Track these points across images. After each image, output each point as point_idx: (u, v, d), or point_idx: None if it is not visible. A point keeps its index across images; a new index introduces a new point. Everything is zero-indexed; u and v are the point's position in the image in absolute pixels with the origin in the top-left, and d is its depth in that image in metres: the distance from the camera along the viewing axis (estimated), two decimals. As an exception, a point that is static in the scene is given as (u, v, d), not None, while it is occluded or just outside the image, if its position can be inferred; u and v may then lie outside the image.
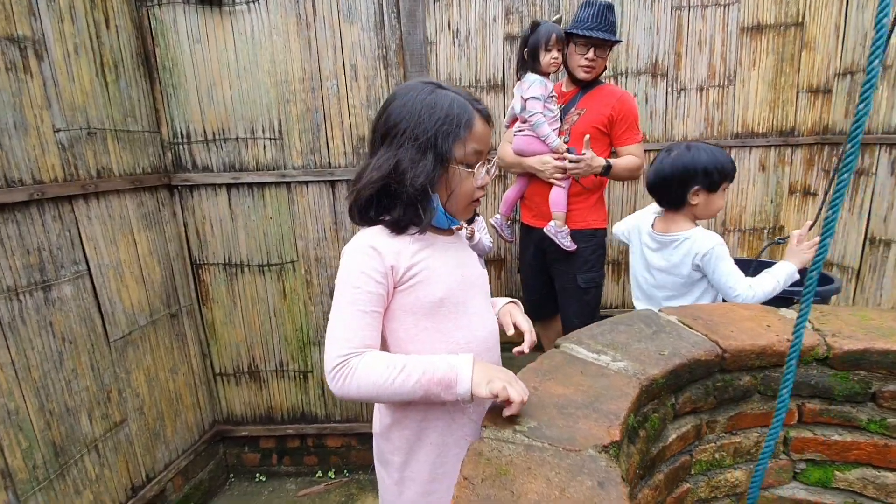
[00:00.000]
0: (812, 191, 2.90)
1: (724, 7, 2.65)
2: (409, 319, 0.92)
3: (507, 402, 0.78)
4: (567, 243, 2.00)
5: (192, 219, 1.93)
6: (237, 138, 1.86)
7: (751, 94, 2.76)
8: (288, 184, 1.90)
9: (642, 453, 0.92)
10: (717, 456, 1.11)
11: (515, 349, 1.04)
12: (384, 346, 0.97)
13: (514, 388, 0.78)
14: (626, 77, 2.75)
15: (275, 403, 2.12)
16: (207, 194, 1.90)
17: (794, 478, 1.17)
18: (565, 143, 1.97)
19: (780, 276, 1.52)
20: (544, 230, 2.00)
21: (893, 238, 2.42)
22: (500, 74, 2.82)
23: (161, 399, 1.79)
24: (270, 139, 1.85)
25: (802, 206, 2.94)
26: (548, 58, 1.97)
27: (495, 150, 2.32)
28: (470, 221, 1.12)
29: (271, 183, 1.90)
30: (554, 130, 1.96)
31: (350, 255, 0.88)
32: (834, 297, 2.40)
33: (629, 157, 2.01)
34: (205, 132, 1.85)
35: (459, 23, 2.76)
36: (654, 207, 1.70)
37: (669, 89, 2.77)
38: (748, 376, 1.08)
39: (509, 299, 1.13)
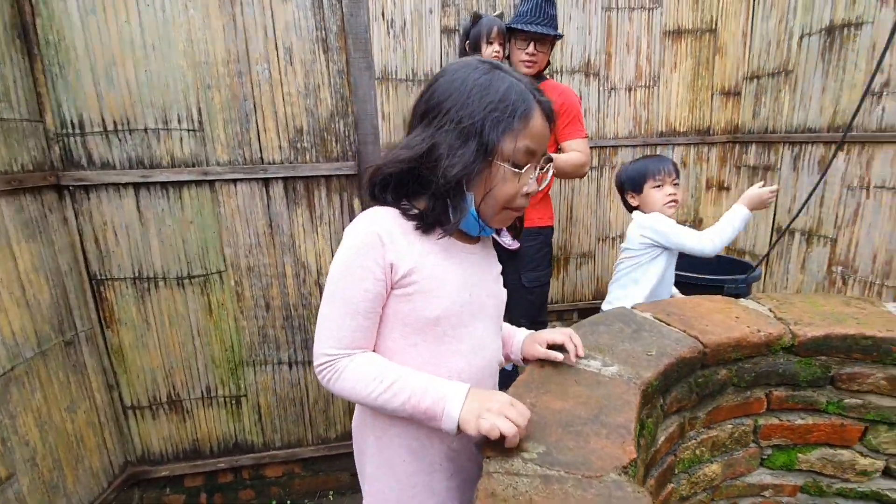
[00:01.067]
0: (725, 185, 3.14)
1: (649, 11, 2.77)
2: (399, 331, 0.79)
3: (502, 438, 0.69)
4: (508, 241, 1.96)
5: (90, 226, 1.61)
6: (146, 129, 1.58)
7: (673, 95, 2.93)
8: (211, 182, 1.65)
9: (644, 463, 0.87)
10: (697, 452, 1.11)
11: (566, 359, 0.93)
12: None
13: (505, 422, 0.68)
14: (561, 75, 2.78)
15: (202, 435, 1.85)
16: (109, 196, 1.60)
17: (761, 464, 1.20)
18: None
19: (735, 221, 1.65)
20: None
21: (796, 227, 2.67)
22: (438, 67, 2.72)
23: (58, 444, 1.47)
24: (188, 130, 1.59)
25: (717, 200, 3.18)
26: (489, 51, 1.92)
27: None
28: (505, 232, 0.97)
29: (191, 182, 1.64)
30: None
31: (352, 240, 0.75)
32: (754, 284, 2.60)
33: (573, 153, 2.00)
34: (103, 121, 1.54)
35: (394, 13, 2.62)
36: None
37: (601, 88, 2.85)
38: (725, 370, 1.08)
39: (525, 332, 1.01)
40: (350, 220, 1.82)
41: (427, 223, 0.76)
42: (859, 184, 2.31)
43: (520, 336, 1.00)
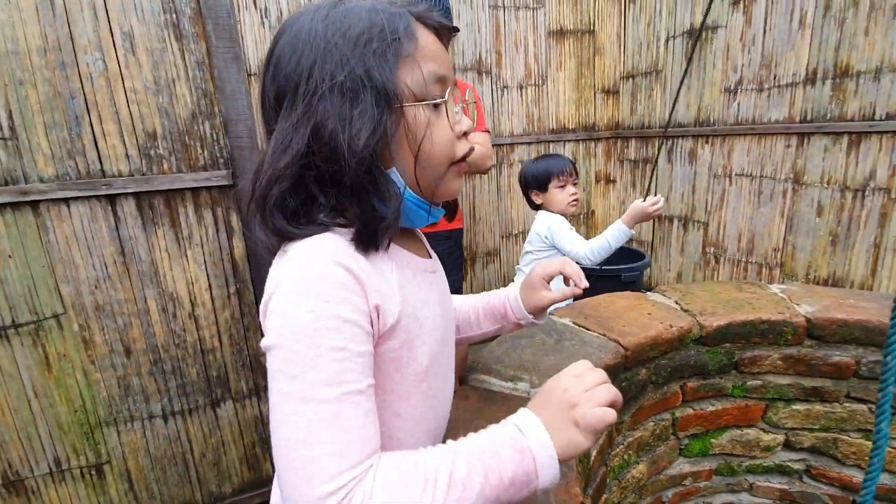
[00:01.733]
0: (612, 178, 3.34)
1: (533, 10, 2.82)
2: (379, 403, 0.52)
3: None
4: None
5: None
6: (-75, 138, 1.18)
7: (560, 93, 3.02)
8: (34, 204, 1.29)
9: (583, 489, 0.79)
10: (625, 457, 1.07)
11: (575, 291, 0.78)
12: None
13: (609, 392, 0.51)
14: (454, 72, 2.72)
15: (51, 520, 1.47)
16: None
17: (680, 454, 1.21)
18: None
19: (612, 238, 1.75)
20: None
21: (674, 214, 2.91)
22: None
23: None
24: (-7, 138, 1.22)
25: (606, 192, 3.37)
26: None
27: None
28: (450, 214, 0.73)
29: (4, 204, 1.27)
30: None
31: (306, 290, 0.46)
32: (646, 270, 2.78)
33: (475, 146, 1.94)
34: None
35: (268, 2, 2.35)
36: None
37: (494, 86, 2.85)
38: (644, 369, 1.06)
39: (512, 289, 0.84)
40: (228, 238, 1.57)
41: (368, 234, 0.52)
42: (723, 172, 2.56)
43: (511, 294, 0.82)
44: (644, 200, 1.78)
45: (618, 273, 2.33)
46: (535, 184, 1.84)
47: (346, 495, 0.42)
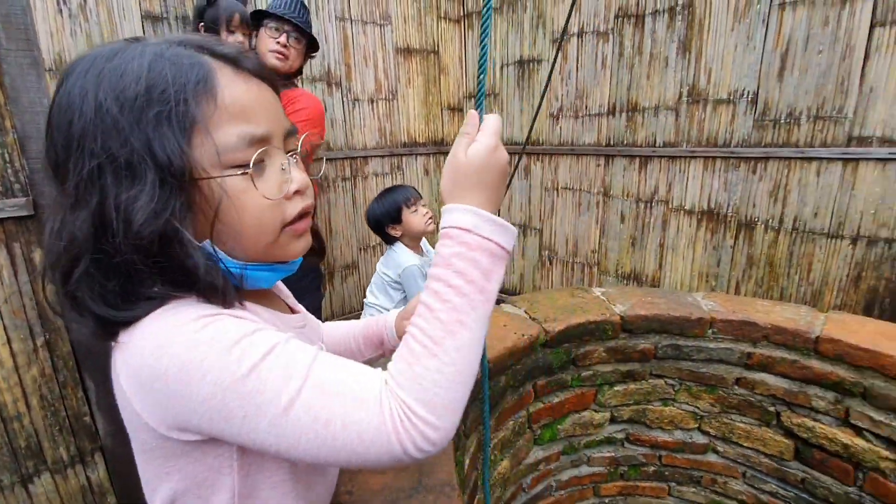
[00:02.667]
0: (460, 189, 3.59)
1: (381, 26, 2.88)
2: (271, 472, 0.52)
3: None
4: None
5: None
6: None
7: (410, 108, 3.14)
8: None
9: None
10: (492, 457, 1.19)
11: None
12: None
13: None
14: (303, 83, 2.63)
15: None
16: None
17: (535, 444, 1.38)
18: None
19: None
20: None
21: (515, 222, 3.25)
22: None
23: None
24: None
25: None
26: (231, 39, 1.63)
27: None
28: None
29: None
30: None
31: (197, 346, 0.43)
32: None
33: None
34: None
35: (66, -15, 1.97)
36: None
37: (344, 99, 2.83)
38: (504, 376, 1.19)
39: (394, 315, 0.82)
40: (30, 280, 1.28)
41: (210, 300, 0.47)
42: (552, 186, 2.95)
43: (389, 322, 0.81)
44: None
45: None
46: (388, 219, 1.88)
47: (386, 402, 0.44)
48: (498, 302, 1.50)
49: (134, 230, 0.42)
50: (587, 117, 2.68)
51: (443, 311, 0.46)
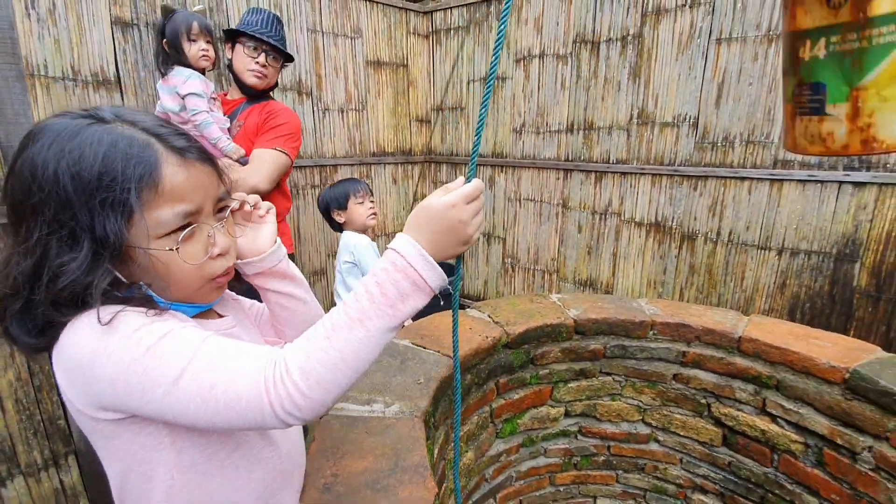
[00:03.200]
0: (428, 198, 3.69)
1: (352, 39, 2.96)
2: (197, 450, 0.60)
3: None
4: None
5: None
6: None
7: (380, 119, 3.23)
8: None
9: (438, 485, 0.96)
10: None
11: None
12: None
13: (482, 215, 0.64)
14: (274, 92, 2.67)
15: None
16: None
17: (496, 437, 1.50)
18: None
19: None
20: None
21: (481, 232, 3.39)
22: (112, 67, 2.19)
23: None
24: None
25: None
26: (194, 49, 1.66)
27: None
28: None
29: None
30: (226, 137, 1.70)
31: (103, 335, 0.51)
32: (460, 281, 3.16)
33: (252, 162, 1.73)
34: None
35: (33, -12, 1.96)
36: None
37: (315, 108, 2.89)
38: (469, 375, 1.30)
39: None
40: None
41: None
42: (514, 196, 3.11)
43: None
44: None
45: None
46: (335, 204, 1.99)
47: (269, 369, 0.52)
48: (462, 307, 1.61)
49: (58, 287, 0.51)
50: (548, 133, 2.86)
51: (352, 308, 0.54)
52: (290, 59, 1.92)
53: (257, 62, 1.73)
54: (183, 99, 1.63)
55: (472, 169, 0.68)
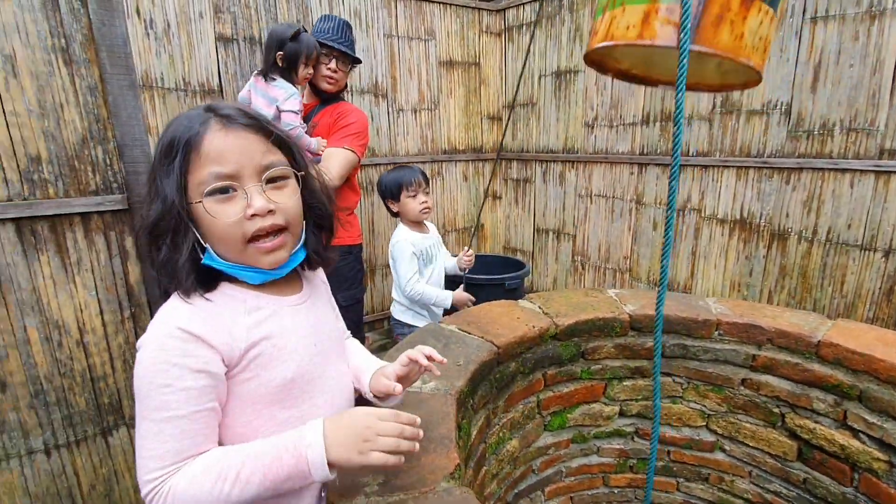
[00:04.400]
0: (498, 195, 3.71)
1: (425, 42, 3.07)
2: (249, 410, 0.71)
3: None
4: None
5: None
6: None
7: (451, 117, 3.31)
8: None
9: (464, 459, 1.00)
10: (500, 435, 1.31)
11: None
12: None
13: (396, 447, 0.66)
14: (352, 95, 2.86)
15: None
16: None
17: (544, 429, 1.49)
18: None
19: (438, 298, 2.03)
20: None
21: (549, 228, 3.34)
22: (216, 79, 2.49)
23: None
24: None
25: (493, 207, 3.73)
26: (304, 72, 1.86)
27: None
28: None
29: None
30: None
31: (154, 344, 0.65)
32: (527, 277, 3.14)
33: (324, 161, 1.87)
34: None
35: (153, 11, 2.29)
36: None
37: (390, 109, 3.03)
38: (514, 363, 1.31)
39: (375, 367, 0.90)
40: (122, 263, 1.54)
41: (184, 289, 0.68)
42: (585, 193, 3.02)
43: (368, 375, 0.89)
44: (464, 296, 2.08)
45: (502, 281, 2.64)
46: (389, 194, 2.02)
47: (160, 484, 0.63)
48: (515, 298, 1.62)
49: (147, 230, 0.68)
50: (621, 126, 2.75)
51: (244, 470, 0.63)
52: (357, 61, 2.06)
53: (328, 68, 1.88)
54: (280, 112, 1.80)
55: None
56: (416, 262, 2.01)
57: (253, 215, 0.67)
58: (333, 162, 1.86)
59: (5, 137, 1.26)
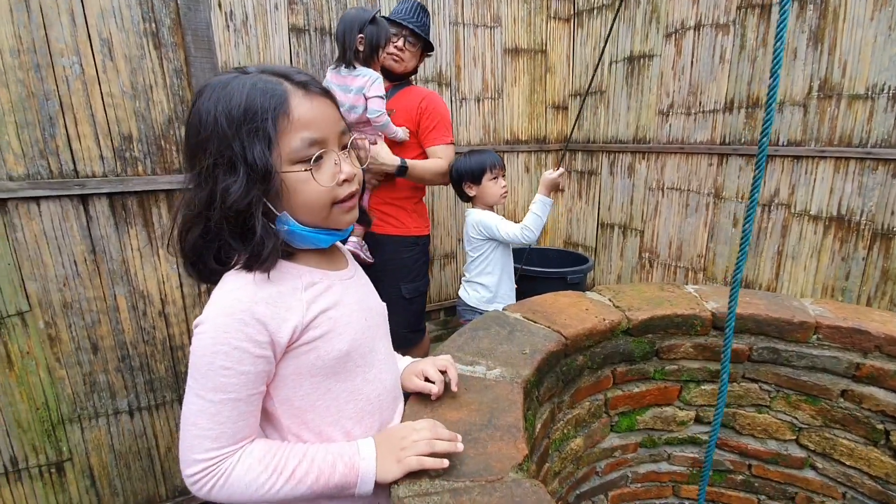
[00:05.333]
0: (560, 188, 3.58)
1: (491, 29, 3.01)
2: (307, 384, 0.72)
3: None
4: (365, 255, 1.97)
5: None
6: None
7: (515, 106, 3.23)
8: (1, 202, 1.31)
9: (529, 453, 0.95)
10: (564, 431, 1.25)
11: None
12: (271, 420, 0.75)
13: (429, 451, 0.70)
14: (416, 83, 2.86)
15: (9, 518, 1.46)
16: None
17: (611, 430, 1.41)
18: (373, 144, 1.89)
19: (538, 209, 1.93)
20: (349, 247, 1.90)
21: (615, 222, 3.18)
22: (288, 69, 2.56)
23: None
24: (-38, 136, 1.23)
25: (555, 201, 3.61)
26: (384, 54, 1.87)
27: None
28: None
29: (-32, 201, 1.27)
30: None
31: (216, 324, 0.64)
32: (590, 273, 3.02)
33: (434, 160, 2.01)
34: None
35: (233, 4, 2.39)
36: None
37: (453, 98, 3.00)
38: (581, 356, 1.24)
39: (405, 363, 0.95)
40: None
41: (256, 263, 0.67)
42: (657, 186, 2.85)
43: (399, 367, 0.94)
44: (551, 172, 2.01)
45: (564, 275, 2.54)
46: (469, 177, 1.97)
47: (214, 465, 0.65)
48: (575, 285, 1.53)
49: (227, 205, 0.63)
50: (700, 114, 2.55)
51: (299, 471, 0.67)
52: (429, 47, 2.03)
53: (395, 45, 1.87)
54: (367, 100, 1.81)
55: None
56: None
57: (344, 180, 0.69)
58: (444, 160, 1.96)
59: (102, 118, 1.35)
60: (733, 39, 2.35)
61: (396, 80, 2.00)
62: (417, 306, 2.13)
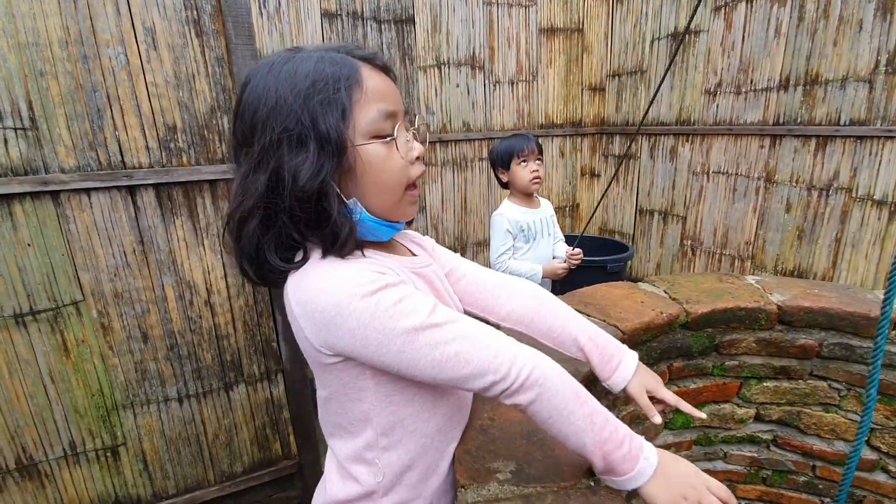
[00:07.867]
0: (596, 173, 3.48)
1: (525, 8, 2.90)
2: (413, 386, 0.67)
3: None
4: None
5: None
6: (-54, 128, 1.20)
7: (549, 89, 3.12)
8: (54, 194, 1.32)
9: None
10: (619, 428, 1.20)
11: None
12: (368, 417, 0.67)
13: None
14: (449, 67, 2.79)
15: (69, 500, 1.52)
16: None
17: (665, 427, 1.35)
18: None
19: (524, 270, 1.89)
20: None
21: (655, 208, 3.07)
22: (321, 56, 2.54)
23: None
24: (16, 129, 1.24)
25: (591, 185, 3.51)
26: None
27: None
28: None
29: (24, 194, 1.29)
30: None
31: (349, 287, 0.57)
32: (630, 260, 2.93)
33: None
34: None
35: (266, -9, 2.37)
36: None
37: (486, 81, 2.93)
38: (638, 351, 1.18)
39: (634, 365, 0.85)
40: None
41: (333, 251, 0.61)
42: (701, 170, 2.72)
43: (580, 334, 0.86)
44: (562, 262, 1.98)
45: (604, 264, 2.47)
46: (499, 162, 1.93)
47: (520, 350, 0.61)
48: (634, 280, 1.47)
49: (299, 185, 0.56)
50: (752, 92, 2.41)
51: (597, 416, 0.63)
52: None
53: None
54: None
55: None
56: (510, 239, 1.93)
57: (417, 158, 0.65)
58: None
59: (147, 108, 1.35)
60: (790, 11, 2.20)
61: None
62: None
